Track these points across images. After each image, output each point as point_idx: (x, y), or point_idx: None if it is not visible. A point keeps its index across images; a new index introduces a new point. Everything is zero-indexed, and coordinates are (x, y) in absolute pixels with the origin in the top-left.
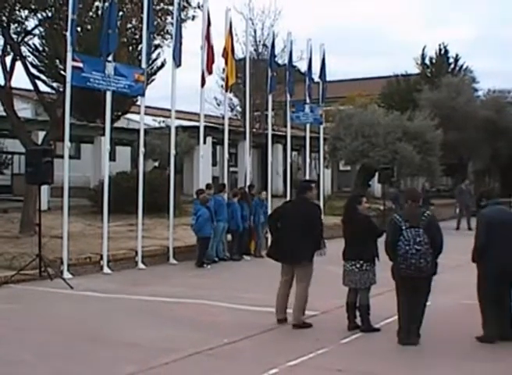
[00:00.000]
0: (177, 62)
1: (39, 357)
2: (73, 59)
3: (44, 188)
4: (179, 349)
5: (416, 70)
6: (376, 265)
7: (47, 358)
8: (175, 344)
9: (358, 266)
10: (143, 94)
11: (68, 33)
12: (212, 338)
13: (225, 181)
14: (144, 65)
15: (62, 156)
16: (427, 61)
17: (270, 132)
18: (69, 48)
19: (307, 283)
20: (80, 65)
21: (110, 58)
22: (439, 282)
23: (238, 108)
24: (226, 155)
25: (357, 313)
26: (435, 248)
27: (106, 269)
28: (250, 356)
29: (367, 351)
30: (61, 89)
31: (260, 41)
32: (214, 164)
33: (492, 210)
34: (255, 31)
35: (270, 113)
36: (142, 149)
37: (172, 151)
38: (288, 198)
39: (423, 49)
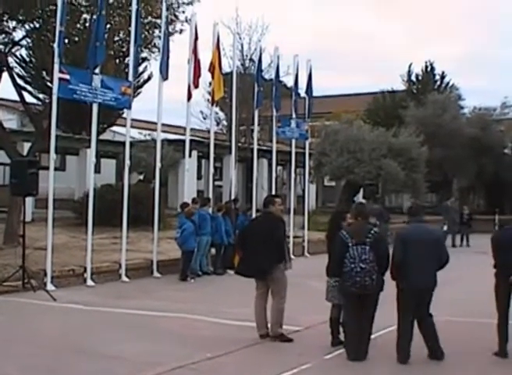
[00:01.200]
0: (164, 75)
1: (22, 370)
2: (60, 71)
3: (29, 200)
4: (162, 363)
5: (402, 87)
6: None
7: (30, 370)
8: (158, 358)
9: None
10: (129, 107)
11: (55, 45)
12: (195, 353)
13: (210, 195)
14: (130, 78)
15: (47, 168)
16: (413, 78)
17: (256, 146)
18: (56, 59)
19: (282, 296)
20: (67, 77)
21: (97, 70)
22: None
23: (224, 122)
24: (212, 169)
25: (341, 329)
26: (380, 266)
27: (90, 282)
28: (233, 371)
29: (350, 367)
30: (47, 100)
31: (247, 56)
32: (199, 178)
33: (411, 227)
34: (242, 46)
35: (256, 128)
36: (128, 162)
37: (158, 164)
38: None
39: (409, 66)
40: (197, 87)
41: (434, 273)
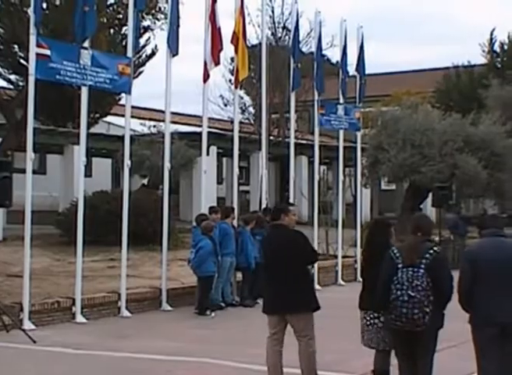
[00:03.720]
0: (173, 49)
1: None
2: (38, 45)
3: None
4: None
5: (482, 60)
6: None
7: None
8: None
9: (382, 319)
10: (129, 91)
11: (31, 11)
12: None
13: (235, 204)
14: (129, 53)
15: (22, 171)
16: (496, 48)
17: (293, 140)
18: (32, 29)
19: (310, 336)
20: (47, 52)
21: (86, 43)
22: None
23: (251, 109)
24: (236, 170)
25: None
26: (439, 296)
27: (80, 318)
28: None
29: None
30: (20, 83)
31: (279, 23)
32: (219, 181)
33: (484, 243)
34: (273, 10)
35: (293, 116)
36: (127, 162)
37: (167, 165)
38: (316, 226)
39: (491, 33)
40: (217, 64)
41: None
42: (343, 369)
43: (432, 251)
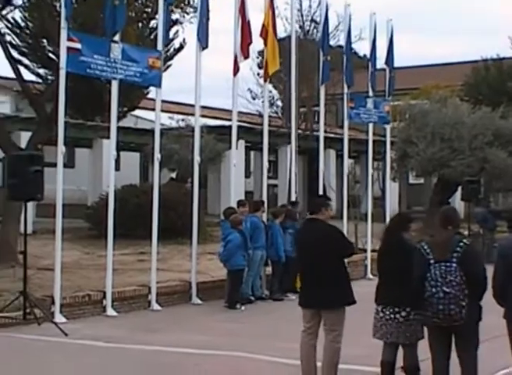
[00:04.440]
0: (203, 42)
1: None
2: (69, 39)
3: (29, 206)
4: None
5: (511, 53)
6: None
7: None
8: None
9: (404, 314)
10: (159, 85)
11: (62, 5)
12: None
13: (264, 197)
14: (160, 46)
15: (51, 164)
16: None
17: (322, 134)
18: (63, 23)
19: (339, 332)
20: (78, 46)
21: (116, 37)
22: None
23: (278, 103)
24: (266, 164)
25: None
26: (474, 289)
27: (110, 311)
28: None
29: None
30: (49, 77)
31: (307, 16)
32: (247, 175)
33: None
34: (301, 3)
35: (323, 109)
36: (158, 155)
37: (197, 158)
38: (345, 219)
39: None
40: (246, 57)
41: None
42: (372, 363)
43: (462, 244)
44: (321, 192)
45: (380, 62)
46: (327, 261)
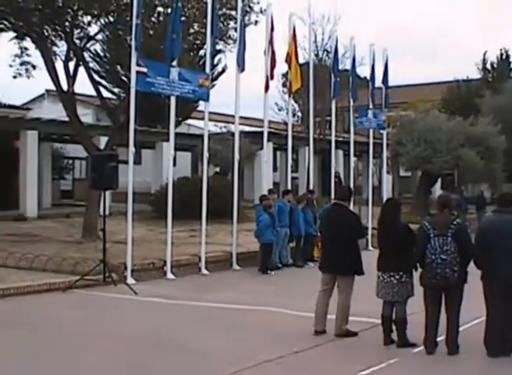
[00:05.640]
0: (241, 66)
1: (109, 364)
2: (138, 64)
3: (107, 194)
4: (248, 358)
5: (477, 75)
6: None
7: (116, 364)
8: (245, 352)
9: (397, 277)
10: (207, 99)
11: (132, 38)
12: (281, 346)
13: (289, 187)
14: (207, 69)
15: (123, 162)
16: (488, 66)
17: (333, 137)
18: (133, 52)
19: (349, 292)
20: (144, 70)
21: (174, 63)
22: None
23: (298, 113)
24: (290, 161)
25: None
26: (463, 257)
27: (170, 275)
28: (321, 365)
29: (438, 361)
30: (122, 94)
31: (321, 47)
32: (274, 170)
33: (498, 218)
34: (316, 36)
35: (334, 119)
36: (206, 154)
37: (236, 157)
38: (352, 205)
39: (484, 54)
40: (272, 78)
41: None
42: (375, 316)
43: (455, 223)
44: (332, 183)
45: (378, 82)
46: (345, 239)
